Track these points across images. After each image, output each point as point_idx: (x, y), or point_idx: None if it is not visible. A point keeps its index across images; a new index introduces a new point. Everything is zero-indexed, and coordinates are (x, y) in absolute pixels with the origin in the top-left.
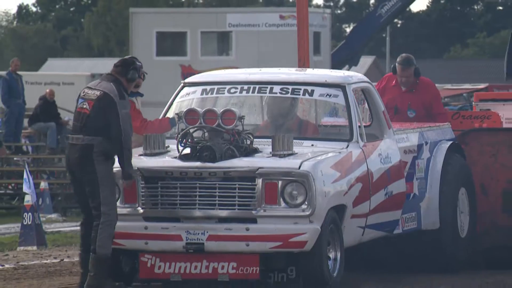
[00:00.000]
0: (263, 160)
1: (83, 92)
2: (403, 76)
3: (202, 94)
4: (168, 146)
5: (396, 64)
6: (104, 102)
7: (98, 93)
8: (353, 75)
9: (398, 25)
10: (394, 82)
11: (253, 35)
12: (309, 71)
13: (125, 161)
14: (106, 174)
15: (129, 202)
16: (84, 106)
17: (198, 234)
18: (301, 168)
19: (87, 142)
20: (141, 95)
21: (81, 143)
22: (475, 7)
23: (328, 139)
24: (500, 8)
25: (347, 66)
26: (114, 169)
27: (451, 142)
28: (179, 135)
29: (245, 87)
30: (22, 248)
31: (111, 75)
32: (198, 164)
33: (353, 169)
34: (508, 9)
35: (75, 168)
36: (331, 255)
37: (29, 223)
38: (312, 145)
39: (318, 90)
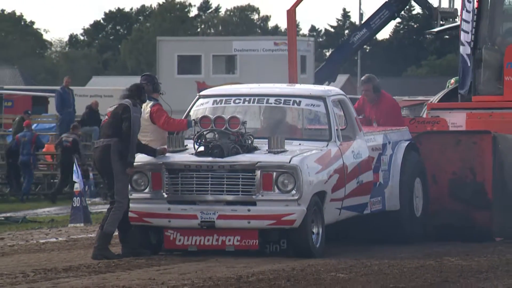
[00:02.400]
0: (261, 156)
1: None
2: (363, 90)
3: (213, 104)
4: (187, 145)
5: (361, 82)
6: (119, 108)
7: (115, 105)
8: (331, 89)
9: (367, 50)
10: (365, 100)
11: (253, 58)
12: (297, 86)
13: (130, 152)
14: (120, 170)
15: (155, 189)
16: (105, 118)
17: (210, 214)
18: (291, 162)
19: (106, 143)
20: (152, 99)
21: (101, 144)
22: (427, 36)
23: (312, 139)
24: (447, 36)
25: (327, 82)
26: (143, 162)
27: (408, 142)
28: (195, 136)
29: (247, 98)
30: (72, 225)
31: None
32: (210, 159)
33: (331, 163)
34: (453, 38)
35: (98, 164)
36: (315, 230)
37: (78, 205)
38: (300, 144)
39: (304, 101)
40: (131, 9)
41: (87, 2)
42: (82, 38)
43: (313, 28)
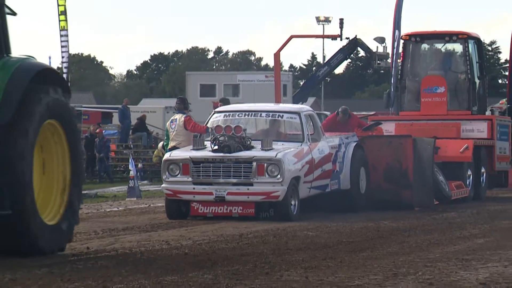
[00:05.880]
0: (256, 152)
1: None
2: (341, 117)
3: (224, 117)
4: (206, 145)
5: (339, 111)
6: None
7: None
8: (304, 107)
9: (328, 80)
10: (335, 118)
11: (251, 86)
12: (281, 105)
13: None
14: None
15: (184, 174)
16: None
17: (222, 191)
18: (277, 156)
19: None
20: (184, 113)
21: None
22: (368, 71)
23: (291, 141)
24: (382, 71)
25: (301, 103)
26: (176, 157)
27: (356, 142)
28: (211, 139)
29: (247, 113)
30: (128, 199)
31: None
32: (221, 154)
33: (304, 157)
34: (387, 72)
35: None
36: (293, 202)
37: (132, 185)
38: (283, 144)
39: (285, 115)
40: (169, 53)
41: (139, 48)
42: (135, 72)
43: (291, 66)
